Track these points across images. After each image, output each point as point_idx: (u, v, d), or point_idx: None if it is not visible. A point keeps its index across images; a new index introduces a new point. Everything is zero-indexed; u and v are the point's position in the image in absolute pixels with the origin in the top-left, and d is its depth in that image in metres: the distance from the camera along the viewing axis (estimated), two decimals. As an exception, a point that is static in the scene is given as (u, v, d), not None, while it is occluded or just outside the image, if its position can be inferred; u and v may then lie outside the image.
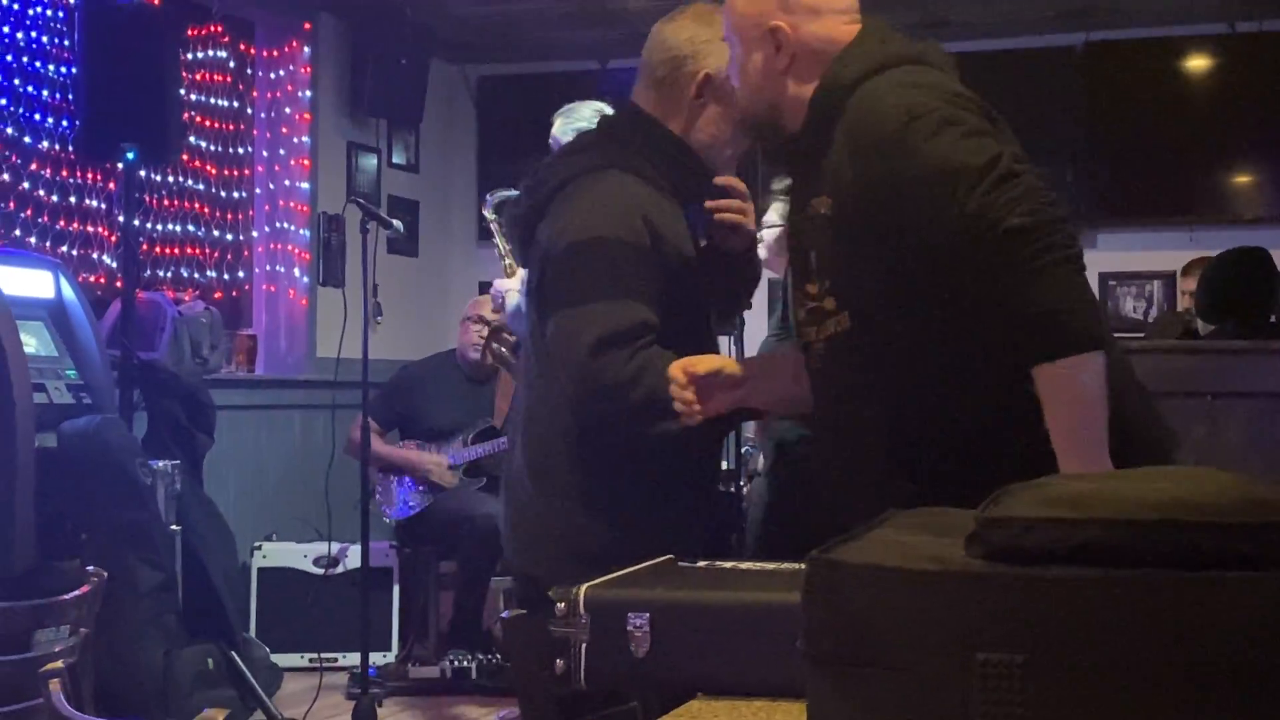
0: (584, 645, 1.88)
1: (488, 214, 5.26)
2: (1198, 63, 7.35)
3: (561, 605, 1.90)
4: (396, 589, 6.05)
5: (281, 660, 5.52)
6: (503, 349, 5.29)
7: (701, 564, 2.12)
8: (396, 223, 5.24)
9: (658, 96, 2.63)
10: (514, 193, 5.33)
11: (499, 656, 5.65)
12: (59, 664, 1.71)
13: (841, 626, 1.32)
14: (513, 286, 5.03)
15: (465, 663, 5.60)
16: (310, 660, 5.78)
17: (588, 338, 2.42)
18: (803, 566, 1.98)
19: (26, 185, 5.59)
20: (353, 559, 5.94)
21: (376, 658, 5.30)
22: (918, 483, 2.04)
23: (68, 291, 4.79)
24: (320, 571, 5.99)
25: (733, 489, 4.35)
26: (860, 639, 1.30)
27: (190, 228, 6.55)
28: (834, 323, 2.15)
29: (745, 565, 2.10)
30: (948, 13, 7.08)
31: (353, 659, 5.55)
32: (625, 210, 2.49)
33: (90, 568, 2.70)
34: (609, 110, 4.79)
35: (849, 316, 2.12)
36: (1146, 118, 7.29)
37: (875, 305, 2.09)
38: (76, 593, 2.60)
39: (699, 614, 1.84)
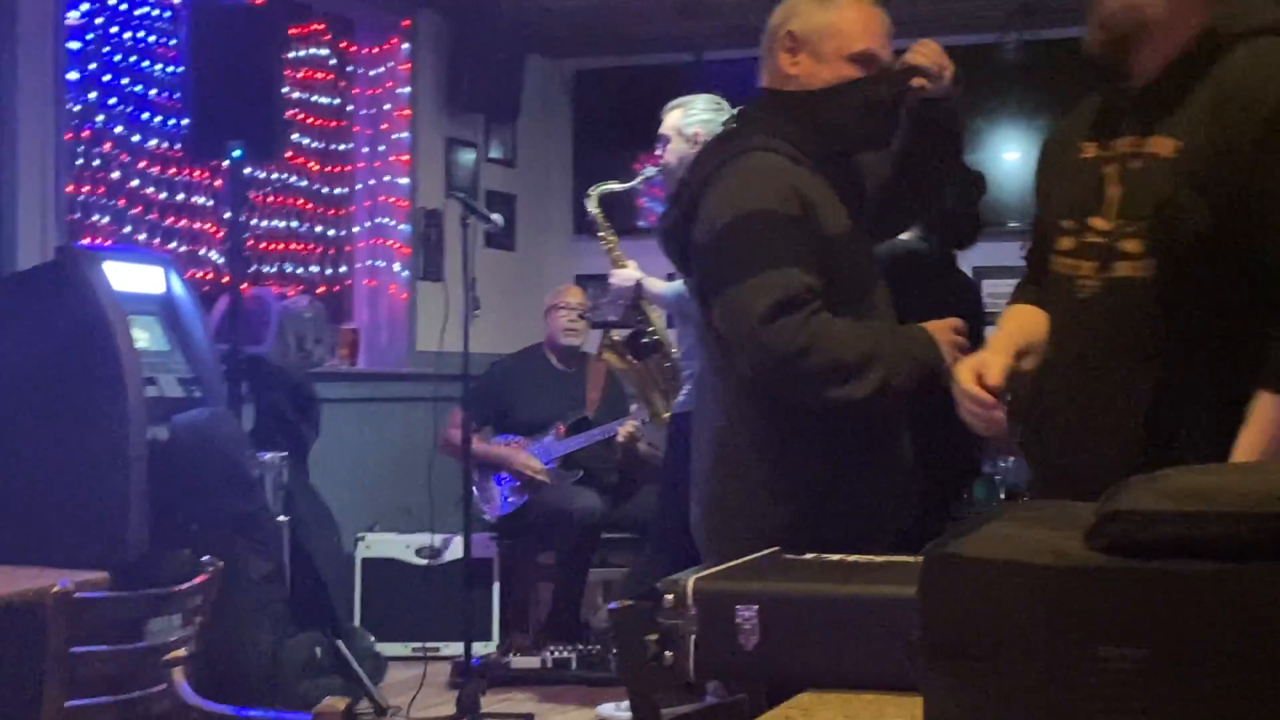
0: (693, 637, 1.89)
1: (591, 208, 5.30)
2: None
3: (670, 596, 1.91)
4: (497, 580, 6.10)
5: (385, 649, 5.60)
6: (621, 346, 5.33)
7: (809, 556, 2.12)
8: (496, 217, 5.29)
9: (769, 71, 2.69)
10: (616, 185, 5.39)
11: (599, 648, 5.68)
12: (183, 652, 1.75)
13: (958, 620, 1.31)
14: (633, 276, 5.08)
15: (565, 654, 5.64)
16: (413, 650, 5.84)
17: (758, 308, 2.43)
18: (909, 560, 1.99)
19: (136, 183, 5.69)
20: (454, 550, 5.99)
21: (477, 648, 5.35)
22: (1163, 443, 2.03)
23: (177, 287, 4.88)
24: (422, 562, 6.06)
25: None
26: (978, 633, 1.30)
27: (294, 224, 6.64)
28: (1129, 266, 2.11)
29: (853, 558, 2.09)
30: None
31: (454, 649, 5.61)
32: (772, 182, 2.52)
33: (206, 558, 2.75)
34: (721, 102, 4.85)
35: (1155, 264, 2.08)
36: None
37: (1193, 261, 2.05)
38: (193, 582, 2.65)
39: (809, 606, 1.84)
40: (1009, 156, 7.41)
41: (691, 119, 4.86)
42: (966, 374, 2.20)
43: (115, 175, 5.60)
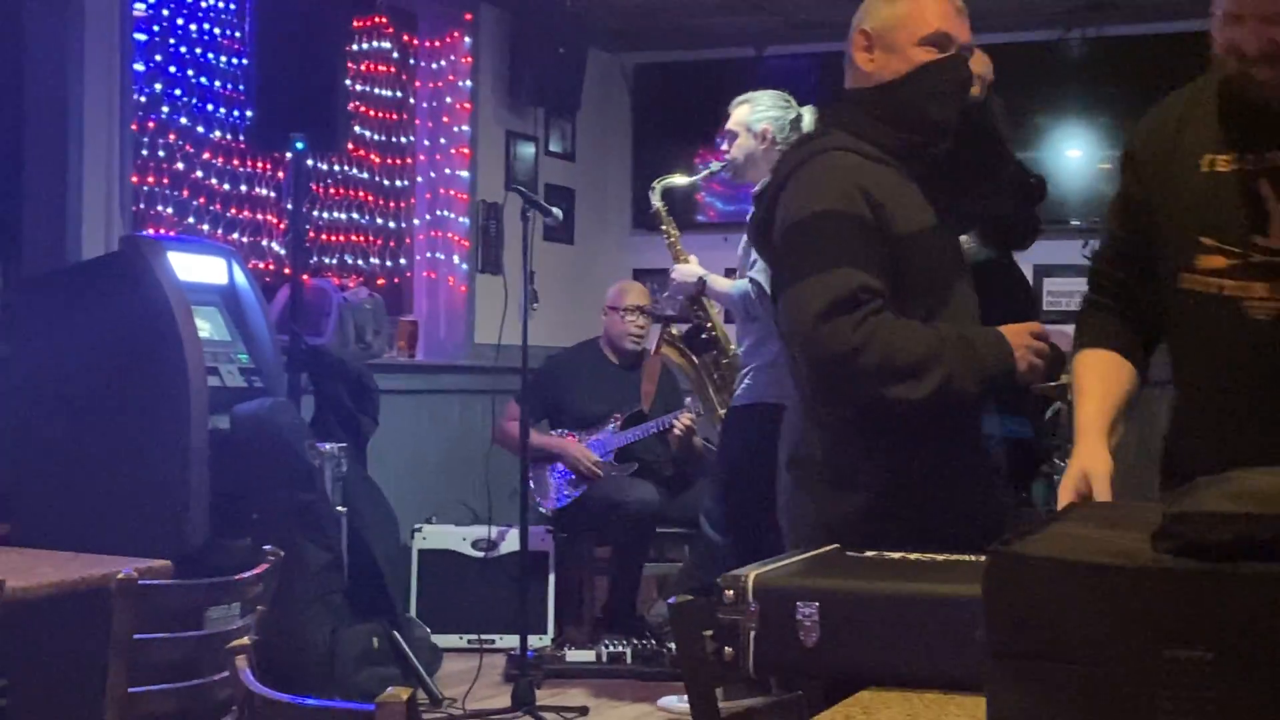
0: (752, 633, 1.89)
1: (655, 201, 5.30)
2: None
3: (730, 592, 1.91)
4: (552, 573, 6.11)
5: (440, 641, 5.62)
6: (676, 340, 5.34)
7: (869, 554, 2.12)
8: (556, 210, 5.30)
9: (850, 73, 2.72)
10: (681, 179, 5.38)
11: (654, 642, 5.69)
12: (246, 640, 1.77)
13: (1024, 620, 1.31)
14: (696, 272, 5.10)
15: (620, 647, 5.65)
16: (468, 641, 5.87)
17: (815, 307, 2.46)
18: (970, 559, 1.98)
19: (200, 174, 5.74)
20: (510, 543, 6.02)
21: (532, 640, 5.36)
22: None
23: (240, 278, 4.92)
24: (479, 554, 6.08)
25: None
26: (1043, 633, 1.30)
27: (354, 215, 6.68)
28: None
29: (914, 556, 2.09)
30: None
31: (509, 641, 5.63)
32: (839, 185, 2.54)
33: (267, 547, 2.77)
34: (789, 99, 4.86)
35: None
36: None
37: None
38: (254, 571, 2.68)
39: (870, 604, 1.84)
40: (1071, 154, 7.36)
41: (759, 115, 4.86)
42: (1068, 495, 2.09)
43: (179, 166, 5.65)
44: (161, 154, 5.58)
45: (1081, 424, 2.24)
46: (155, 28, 5.52)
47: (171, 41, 5.60)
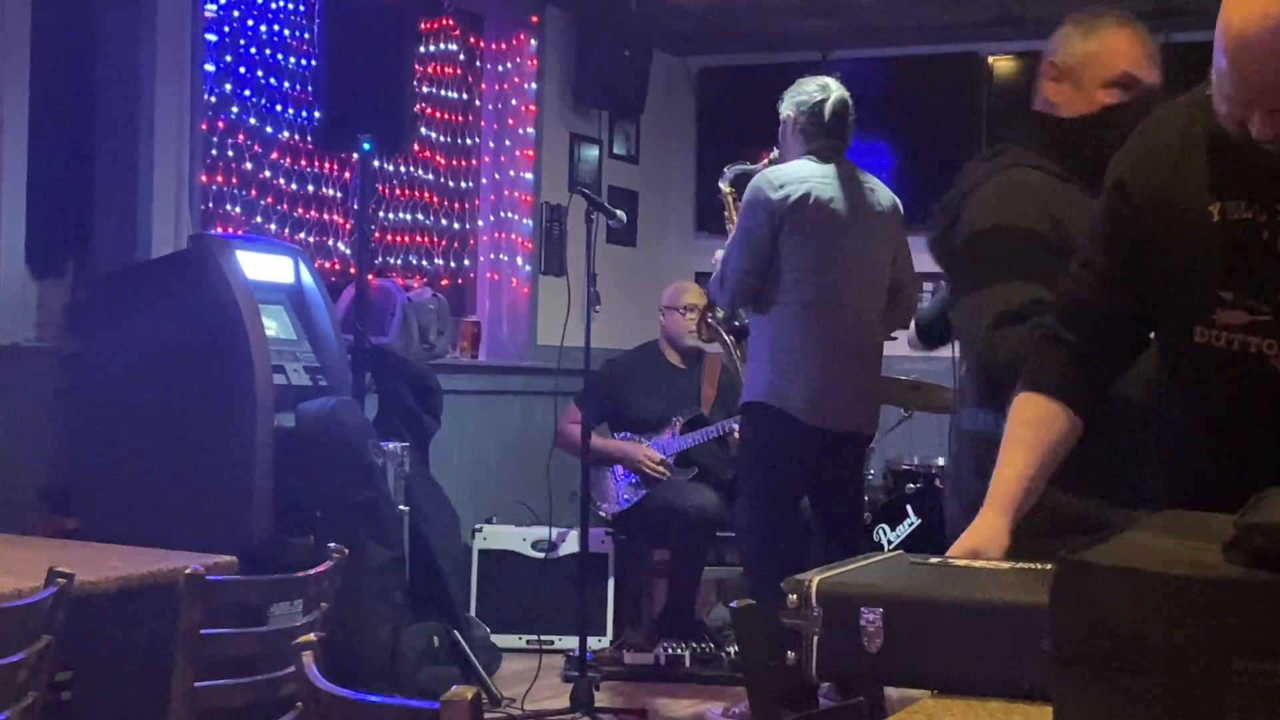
0: (816, 637, 1.88)
1: (723, 186, 5.30)
2: None
3: (793, 596, 1.91)
4: (611, 576, 6.12)
5: (500, 641, 5.64)
6: (717, 324, 5.33)
7: (933, 560, 2.11)
8: (620, 213, 5.30)
9: (1037, 95, 2.81)
10: (750, 166, 5.36)
11: (712, 646, 5.69)
12: (312, 636, 1.78)
13: (1092, 630, 1.30)
14: None
15: (679, 651, 5.65)
16: (528, 642, 5.89)
17: (985, 317, 2.56)
18: (1035, 567, 1.96)
19: (268, 174, 5.79)
20: (569, 544, 6.03)
21: (591, 643, 5.37)
22: None
23: (306, 277, 4.96)
24: (539, 555, 6.10)
25: None
26: (1112, 643, 1.29)
27: (419, 216, 6.72)
28: None
29: (978, 564, 2.07)
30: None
31: (568, 642, 5.64)
32: (1020, 200, 2.63)
33: (332, 544, 2.80)
34: (825, 82, 4.81)
35: None
36: None
37: None
38: (319, 569, 2.70)
39: (934, 611, 1.82)
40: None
41: (789, 101, 4.84)
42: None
43: (247, 166, 5.70)
44: (230, 154, 5.63)
45: (992, 489, 2.23)
46: (225, 29, 5.58)
47: (241, 42, 5.65)
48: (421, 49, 6.39)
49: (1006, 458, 2.25)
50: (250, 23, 5.69)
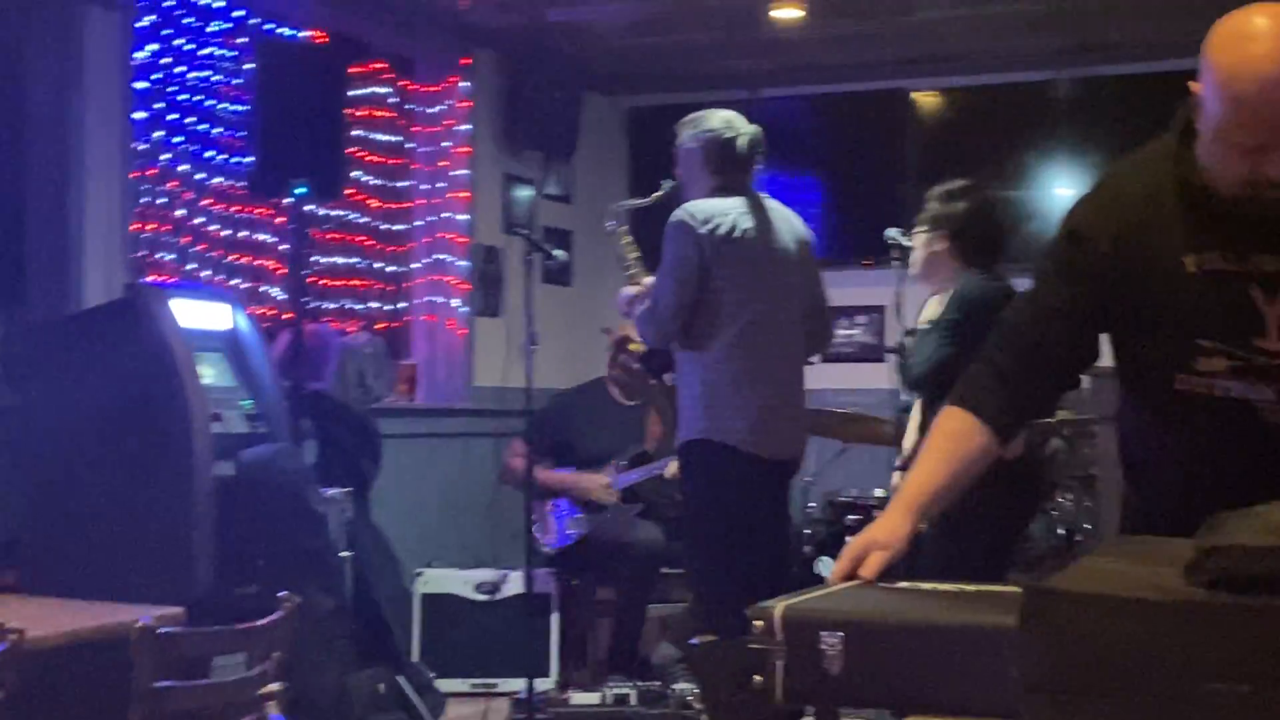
0: (780, 663, 1.91)
1: (615, 225, 5.25)
2: None
3: (759, 622, 1.93)
4: (556, 615, 6.10)
5: (444, 685, 5.60)
6: (632, 362, 5.30)
7: (901, 584, 2.14)
8: (559, 252, 5.31)
9: None
10: (639, 201, 5.32)
11: (658, 683, 5.68)
12: (277, 686, 1.77)
13: (1061, 655, 1.32)
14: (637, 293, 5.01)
15: (625, 689, 5.63)
16: (473, 686, 5.85)
17: None
18: (996, 589, 1.99)
19: (201, 220, 5.76)
20: (512, 585, 6.00)
21: (536, 683, 5.35)
22: None
23: (242, 324, 4.93)
24: (482, 598, 6.07)
25: None
26: (1080, 668, 1.31)
27: (354, 260, 6.70)
28: None
29: (943, 586, 2.11)
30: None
31: (513, 684, 5.61)
32: None
33: (283, 593, 2.78)
34: (732, 119, 4.77)
35: None
36: None
37: None
38: (272, 618, 2.68)
39: (894, 633, 1.86)
40: (1060, 192, 7.39)
41: (696, 133, 4.77)
42: (845, 562, 2.17)
43: (180, 213, 5.67)
44: (162, 201, 5.60)
45: (903, 490, 2.29)
46: (155, 75, 5.55)
47: (172, 89, 5.62)
48: (352, 92, 6.37)
49: (921, 464, 2.31)
50: (180, 69, 5.66)
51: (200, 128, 5.75)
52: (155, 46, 5.54)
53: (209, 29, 5.77)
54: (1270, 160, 2.01)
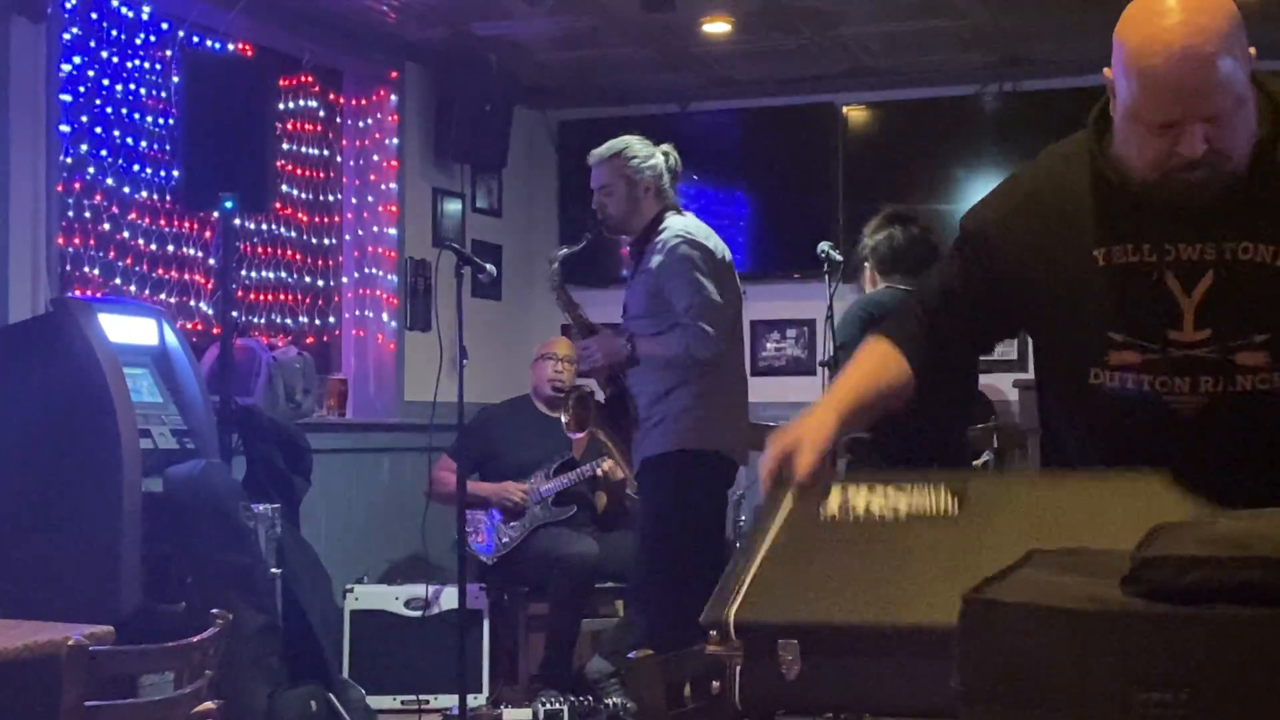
0: (738, 667, 1.91)
1: (555, 279, 5.28)
2: None
3: (715, 631, 1.93)
4: (486, 629, 6.08)
5: (375, 702, 5.56)
6: (593, 411, 5.30)
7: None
8: (490, 267, 5.29)
9: None
10: (574, 248, 5.40)
11: (590, 698, 5.66)
12: (211, 705, 1.76)
13: (999, 666, 1.33)
14: (618, 341, 5.07)
15: (558, 704, 5.61)
16: (403, 702, 5.82)
17: None
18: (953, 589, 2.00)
19: (127, 234, 5.69)
20: (444, 600, 5.98)
21: (468, 700, 5.32)
22: None
23: (171, 338, 4.89)
24: (413, 614, 6.03)
25: None
26: (1018, 678, 1.32)
27: (282, 274, 6.65)
28: (1249, 379, 2.11)
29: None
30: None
31: (444, 701, 5.58)
32: None
33: (215, 610, 2.75)
34: (646, 141, 4.92)
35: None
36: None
37: None
38: (204, 635, 2.65)
39: (847, 637, 1.86)
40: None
41: (639, 165, 4.85)
42: (773, 462, 2.14)
43: (105, 227, 5.60)
44: (88, 215, 5.53)
45: (830, 392, 2.31)
46: (81, 88, 5.48)
47: (98, 102, 5.56)
48: (281, 106, 6.34)
49: (849, 375, 2.32)
50: (106, 82, 5.59)
51: (127, 141, 5.69)
52: (80, 59, 5.47)
53: (136, 41, 5.71)
54: (1183, 138, 2.00)
